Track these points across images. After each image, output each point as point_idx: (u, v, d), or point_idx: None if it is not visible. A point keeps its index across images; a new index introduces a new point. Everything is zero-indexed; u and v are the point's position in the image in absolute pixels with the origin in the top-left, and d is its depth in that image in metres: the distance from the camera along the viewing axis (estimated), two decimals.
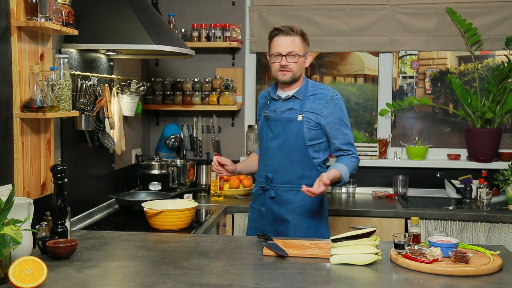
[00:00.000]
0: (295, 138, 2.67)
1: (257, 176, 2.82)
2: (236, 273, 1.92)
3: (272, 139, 2.72)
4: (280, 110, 2.72)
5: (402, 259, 2.02)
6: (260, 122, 2.82)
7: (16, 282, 1.68)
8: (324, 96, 2.69)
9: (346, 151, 2.70)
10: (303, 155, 2.68)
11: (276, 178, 2.71)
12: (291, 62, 2.65)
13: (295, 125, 2.67)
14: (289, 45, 2.64)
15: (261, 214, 2.77)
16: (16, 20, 2.24)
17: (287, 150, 2.69)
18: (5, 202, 1.83)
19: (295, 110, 2.69)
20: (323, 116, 2.66)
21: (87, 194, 3.02)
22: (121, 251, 2.23)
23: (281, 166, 2.70)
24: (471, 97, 3.85)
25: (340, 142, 2.69)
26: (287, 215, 2.70)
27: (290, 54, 2.64)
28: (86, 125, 2.77)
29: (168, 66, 4.18)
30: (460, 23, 3.81)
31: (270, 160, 2.73)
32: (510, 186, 3.54)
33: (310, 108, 2.68)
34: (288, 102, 2.72)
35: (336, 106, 2.69)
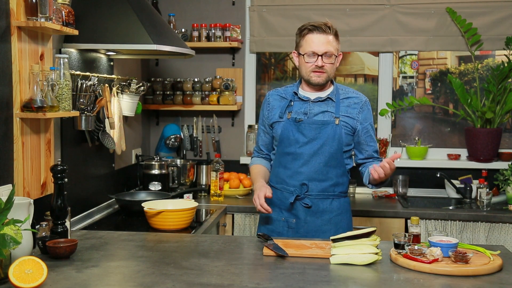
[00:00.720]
0: (333, 142, 2.50)
1: (282, 185, 2.58)
2: (236, 273, 1.92)
3: (305, 143, 2.51)
4: (312, 112, 2.53)
5: (402, 259, 2.02)
6: (283, 125, 2.56)
7: (16, 282, 1.68)
8: (359, 101, 2.57)
9: (377, 158, 2.63)
10: (338, 161, 2.54)
11: (311, 186, 2.52)
12: (327, 62, 2.48)
13: (332, 129, 2.50)
14: (326, 44, 2.46)
15: (290, 226, 2.56)
16: (16, 20, 2.25)
17: (324, 156, 2.51)
18: (5, 202, 1.83)
19: (330, 113, 2.53)
20: (358, 121, 2.55)
21: (87, 194, 3.02)
22: (121, 251, 2.23)
23: (317, 173, 2.51)
24: (471, 97, 3.85)
25: (372, 149, 2.61)
26: (324, 225, 2.54)
27: (327, 54, 2.46)
28: (86, 125, 2.77)
29: (168, 66, 4.18)
30: (460, 23, 3.81)
31: (303, 166, 2.52)
32: (510, 186, 3.54)
33: (345, 112, 2.54)
34: (321, 104, 2.55)
35: (369, 111, 2.60)
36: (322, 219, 2.55)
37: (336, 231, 2.47)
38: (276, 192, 2.58)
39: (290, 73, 4.26)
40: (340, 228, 2.54)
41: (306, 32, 2.50)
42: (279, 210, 2.59)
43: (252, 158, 2.79)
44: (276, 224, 2.60)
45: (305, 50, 2.49)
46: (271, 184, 2.64)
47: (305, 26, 2.51)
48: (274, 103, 2.64)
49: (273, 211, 2.55)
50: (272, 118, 2.62)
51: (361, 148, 2.61)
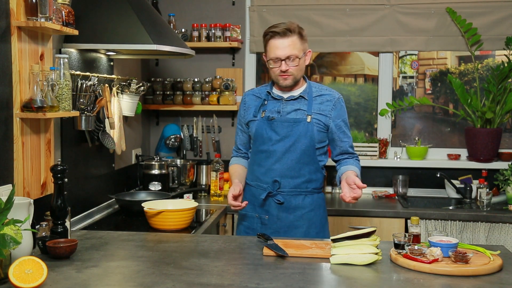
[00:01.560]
0: (305, 140, 2.54)
1: (256, 182, 2.63)
2: (236, 273, 1.92)
3: (277, 141, 2.56)
4: (285, 110, 2.58)
5: (402, 259, 2.02)
6: (257, 124, 2.61)
7: (16, 282, 1.68)
8: (332, 98, 2.60)
9: (352, 154, 2.66)
10: (311, 158, 2.57)
11: (284, 182, 2.57)
12: (291, 66, 2.50)
13: (304, 126, 2.54)
14: (287, 48, 2.47)
15: (263, 222, 2.61)
16: (16, 20, 2.25)
17: (296, 153, 2.55)
18: (5, 202, 1.83)
19: (302, 111, 2.57)
20: (331, 118, 2.58)
21: (87, 194, 3.02)
22: (121, 251, 2.23)
23: (290, 169, 2.56)
24: (471, 97, 3.85)
25: (346, 145, 2.64)
26: (297, 221, 2.58)
27: (290, 58, 2.49)
28: (86, 125, 2.77)
29: (168, 66, 4.18)
30: (460, 23, 3.81)
31: (276, 164, 2.57)
32: (510, 186, 3.54)
33: (318, 110, 2.57)
34: (294, 103, 2.59)
35: (342, 108, 2.62)
36: (294, 215, 2.59)
37: (309, 227, 2.58)
38: (250, 189, 2.66)
39: None
40: (313, 223, 2.60)
41: (268, 37, 2.51)
42: (253, 207, 2.64)
43: (231, 158, 2.83)
44: (250, 220, 2.66)
45: (269, 55, 2.52)
46: (247, 182, 2.69)
47: (267, 31, 2.52)
48: (250, 103, 2.69)
49: (248, 208, 2.63)
50: (248, 117, 2.67)
51: (335, 145, 2.65)
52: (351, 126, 4.13)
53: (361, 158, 3.91)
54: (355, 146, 3.92)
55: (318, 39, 3.97)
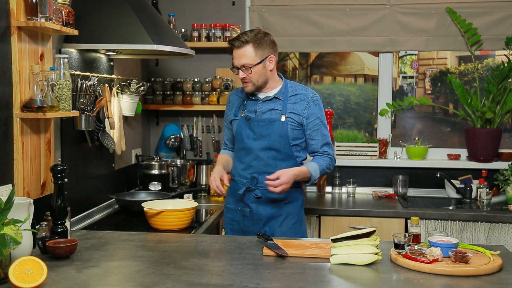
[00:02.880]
0: (280, 138, 2.66)
1: (238, 177, 2.76)
2: (236, 273, 1.92)
3: (254, 140, 2.69)
4: (260, 110, 2.70)
5: (402, 259, 2.02)
6: (237, 123, 2.75)
7: (16, 282, 1.68)
8: (305, 97, 2.70)
9: (322, 152, 2.74)
10: (288, 154, 2.69)
11: (261, 178, 2.66)
12: (247, 74, 2.64)
13: (279, 125, 2.66)
14: (240, 58, 2.64)
15: (245, 215, 2.74)
16: (16, 20, 2.25)
17: (272, 151, 2.68)
18: (5, 202, 1.83)
19: (277, 111, 2.68)
20: (304, 117, 2.68)
21: (87, 194, 3.02)
22: (121, 251, 2.23)
23: (267, 166, 2.68)
24: (471, 97, 3.85)
25: (317, 143, 2.72)
26: (275, 213, 2.71)
27: (243, 66, 2.64)
28: (86, 125, 2.77)
29: (168, 66, 4.18)
30: (460, 23, 3.81)
31: (254, 161, 2.70)
32: (510, 186, 3.54)
33: (291, 109, 2.68)
34: (269, 103, 2.70)
35: (317, 106, 2.71)
36: (272, 207, 2.71)
37: (286, 218, 2.72)
38: (233, 183, 2.79)
39: (290, 73, 4.26)
40: (289, 214, 2.72)
41: (230, 46, 2.70)
42: (236, 200, 2.78)
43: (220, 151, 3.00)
44: (233, 213, 2.79)
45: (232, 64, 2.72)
46: (231, 177, 2.81)
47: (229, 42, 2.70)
48: (233, 102, 2.84)
49: (231, 201, 2.81)
50: (230, 116, 2.82)
51: (307, 143, 2.75)
52: (351, 126, 4.14)
53: (361, 158, 3.92)
54: (355, 146, 3.93)
55: (318, 39, 3.97)
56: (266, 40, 2.66)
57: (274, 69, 2.72)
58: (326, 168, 2.71)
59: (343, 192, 3.91)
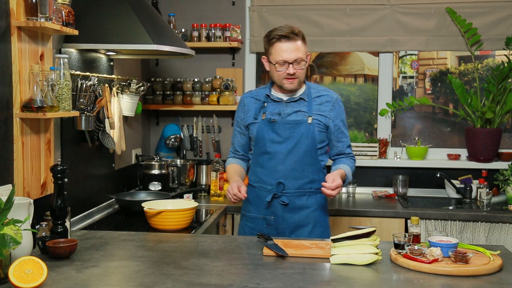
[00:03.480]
0: (306, 141, 2.58)
1: (260, 184, 2.64)
2: (236, 273, 1.92)
3: (279, 143, 2.59)
4: (286, 112, 2.61)
5: (402, 259, 2.02)
6: (258, 126, 2.63)
7: (16, 282, 1.68)
8: (330, 99, 2.64)
9: (347, 154, 2.71)
10: (313, 158, 2.61)
11: (288, 184, 2.59)
12: (298, 69, 2.53)
13: (305, 127, 2.58)
14: (294, 52, 2.50)
15: (269, 223, 2.63)
16: (16, 20, 2.25)
17: (299, 154, 2.58)
18: (5, 202, 1.83)
19: (303, 113, 2.60)
20: (330, 118, 2.62)
21: (87, 194, 3.02)
22: (121, 251, 2.23)
23: (293, 171, 2.58)
24: (471, 97, 3.85)
25: (343, 145, 2.68)
26: (302, 221, 2.61)
27: (296, 61, 2.52)
28: (86, 125, 2.77)
29: (168, 66, 4.18)
30: (460, 23, 3.81)
31: (279, 165, 2.59)
32: (510, 186, 3.54)
33: (318, 110, 2.61)
34: (294, 104, 2.62)
35: (340, 108, 2.67)
36: (299, 215, 2.61)
37: (314, 226, 2.62)
38: (254, 190, 2.67)
39: None
40: (318, 223, 2.63)
41: (274, 41, 2.52)
42: (257, 208, 2.66)
43: (228, 159, 2.83)
44: (255, 221, 2.67)
45: (276, 59, 2.53)
46: (250, 183, 2.71)
47: (272, 35, 2.53)
48: (249, 105, 2.70)
49: (252, 209, 2.68)
50: (248, 120, 2.69)
51: (332, 145, 2.68)
52: (351, 126, 4.13)
53: (361, 158, 3.92)
54: (355, 146, 3.93)
55: (318, 39, 3.97)
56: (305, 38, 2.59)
57: None
58: (353, 170, 2.68)
59: (343, 192, 3.91)
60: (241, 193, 2.46)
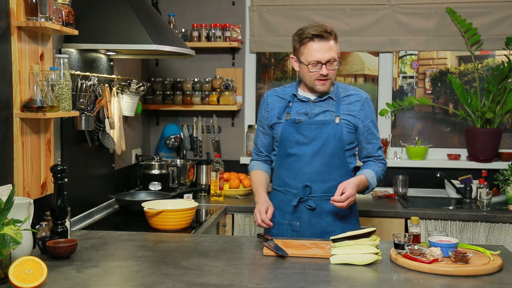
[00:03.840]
0: (334, 142, 2.45)
1: (285, 188, 2.53)
2: (236, 273, 1.92)
3: (305, 144, 2.47)
4: (313, 112, 2.49)
5: (402, 259, 2.02)
6: (283, 127, 2.51)
7: (16, 282, 1.68)
8: (360, 98, 2.52)
9: (377, 157, 2.57)
10: (341, 160, 2.48)
11: (314, 187, 2.47)
12: (331, 69, 2.42)
13: (333, 128, 2.45)
14: (328, 52, 2.39)
15: (294, 229, 2.51)
16: (16, 20, 2.25)
17: (325, 156, 2.46)
18: (5, 202, 1.83)
19: (331, 112, 2.48)
20: (360, 119, 2.50)
21: (87, 194, 3.02)
22: (121, 251, 2.23)
23: (320, 173, 2.46)
24: (471, 97, 3.85)
25: (373, 147, 2.55)
26: (330, 227, 2.48)
27: (330, 61, 2.40)
28: (86, 125, 2.77)
29: (168, 66, 4.18)
30: (460, 23, 3.81)
31: (305, 168, 2.47)
32: (510, 186, 3.54)
33: (347, 110, 2.49)
34: (322, 104, 2.50)
35: (370, 108, 2.54)
36: (327, 221, 2.50)
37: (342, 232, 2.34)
38: (279, 194, 2.56)
39: (290, 73, 4.26)
40: (346, 228, 2.44)
41: (307, 40, 2.40)
42: (282, 213, 2.54)
43: (251, 161, 2.73)
44: (279, 227, 2.54)
45: (308, 59, 2.41)
46: (274, 187, 2.61)
47: (305, 34, 2.40)
48: (273, 104, 2.59)
49: (276, 215, 2.53)
50: (272, 120, 2.57)
51: (361, 147, 2.57)
52: None
53: None
54: None
55: None
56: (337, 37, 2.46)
57: None
58: (381, 175, 2.55)
59: None
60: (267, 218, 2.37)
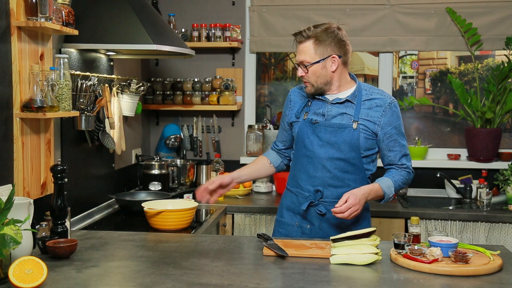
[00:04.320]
0: (349, 148, 2.36)
1: (297, 189, 2.47)
2: (236, 273, 1.92)
3: (320, 147, 2.38)
4: (330, 114, 2.39)
5: (402, 259, 2.02)
6: (299, 126, 2.44)
7: (16, 282, 1.68)
8: (382, 103, 2.38)
9: (400, 165, 2.45)
10: (356, 167, 2.39)
11: (326, 192, 2.39)
12: (304, 72, 2.36)
13: (350, 133, 2.35)
14: (300, 54, 2.35)
15: (304, 232, 2.46)
16: (16, 20, 2.25)
17: (340, 161, 2.37)
18: (5, 202, 1.83)
19: (349, 116, 2.37)
20: (380, 125, 2.37)
21: (87, 194, 3.02)
22: (121, 251, 2.23)
23: (332, 178, 2.38)
24: (471, 97, 3.85)
25: (395, 155, 2.43)
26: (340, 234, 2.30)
27: (302, 64, 2.35)
28: (86, 125, 2.77)
29: (168, 66, 4.18)
30: (460, 23, 3.81)
31: (318, 171, 2.39)
32: (510, 186, 3.54)
33: (366, 115, 2.37)
34: (340, 106, 2.39)
35: (394, 114, 2.39)
36: (338, 227, 2.41)
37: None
38: (291, 196, 2.51)
39: (290, 73, 4.25)
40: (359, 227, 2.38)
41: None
42: (293, 214, 2.49)
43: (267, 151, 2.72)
44: (289, 228, 2.50)
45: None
46: (288, 187, 2.54)
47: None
48: (295, 100, 2.51)
49: (287, 215, 2.51)
50: (291, 118, 2.50)
51: (382, 154, 2.46)
52: None
53: None
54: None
55: None
56: (331, 37, 2.32)
57: (342, 70, 2.38)
58: (402, 184, 2.43)
59: None
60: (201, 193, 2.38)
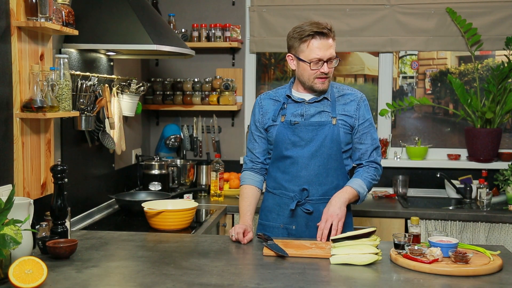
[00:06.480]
0: (331, 143, 2.40)
1: (281, 191, 2.47)
2: (236, 273, 1.92)
3: (302, 147, 2.41)
4: (308, 113, 2.43)
5: (402, 259, 2.01)
6: (278, 129, 2.45)
7: (16, 282, 1.68)
8: (355, 97, 2.46)
9: (368, 162, 2.47)
10: (338, 162, 2.43)
11: (312, 190, 2.42)
12: (331, 67, 2.38)
13: (330, 129, 2.40)
14: (330, 50, 2.34)
15: (290, 233, 2.47)
16: (16, 20, 2.25)
17: (323, 158, 2.40)
18: (5, 202, 1.83)
19: (327, 113, 2.42)
20: (356, 119, 2.44)
21: (87, 194, 3.02)
22: (121, 251, 2.23)
23: (317, 176, 2.41)
24: (471, 97, 3.85)
25: (366, 148, 2.46)
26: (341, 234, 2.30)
27: (331, 59, 2.36)
28: (86, 125, 2.78)
29: (168, 66, 4.18)
30: (460, 23, 3.81)
31: (302, 170, 2.42)
32: (510, 186, 3.54)
33: (343, 110, 2.44)
34: (317, 105, 2.44)
35: (366, 107, 2.48)
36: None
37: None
38: (274, 197, 2.51)
39: (290, 73, 4.25)
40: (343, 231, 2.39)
41: (309, 38, 2.34)
42: (278, 217, 2.50)
43: (243, 172, 2.58)
44: (274, 231, 2.50)
45: (309, 57, 2.35)
46: (268, 189, 2.55)
47: (307, 32, 2.34)
48: (267, 107, 2.52)
49: (271, 218, 2.51)
50: (267, 122, 2.50)
51: (354, 148, 2.49)
52: None
53: None
54: None
55: None
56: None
57: None
58: (372, 180, 2.46)
59: None
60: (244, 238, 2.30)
